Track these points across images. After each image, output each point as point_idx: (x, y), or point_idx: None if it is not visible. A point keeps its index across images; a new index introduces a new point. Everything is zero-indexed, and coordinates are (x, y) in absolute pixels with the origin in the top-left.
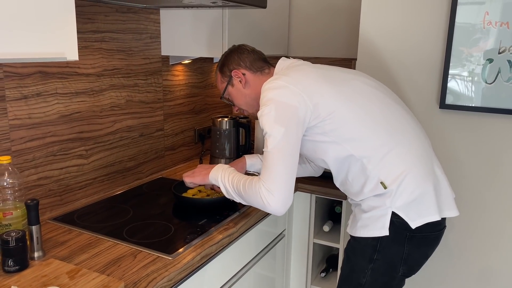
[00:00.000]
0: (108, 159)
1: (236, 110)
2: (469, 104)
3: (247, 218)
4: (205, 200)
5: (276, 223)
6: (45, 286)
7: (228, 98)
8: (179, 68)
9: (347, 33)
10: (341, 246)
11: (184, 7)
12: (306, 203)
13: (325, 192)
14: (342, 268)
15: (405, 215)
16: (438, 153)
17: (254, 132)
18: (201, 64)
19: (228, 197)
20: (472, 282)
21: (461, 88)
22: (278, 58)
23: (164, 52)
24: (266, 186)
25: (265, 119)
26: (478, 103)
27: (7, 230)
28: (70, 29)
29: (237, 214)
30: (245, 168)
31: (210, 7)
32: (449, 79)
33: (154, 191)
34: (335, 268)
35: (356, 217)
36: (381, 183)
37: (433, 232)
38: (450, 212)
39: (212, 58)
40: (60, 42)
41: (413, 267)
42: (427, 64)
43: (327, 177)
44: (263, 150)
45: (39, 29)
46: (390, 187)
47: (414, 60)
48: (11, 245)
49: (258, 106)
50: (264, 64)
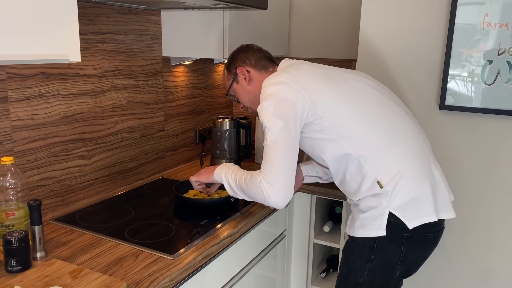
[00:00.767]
0: (109, 160)
1: (241, 108)
2: (469, 105)
3: (248, 219)
4: (205, 200)
5: (276, 224)
6: (47, 286)
7: (233, 95)
8: (180, 69)
9: (347, 34)
10: (341, 246)
11: (185, 8)
12: (307, 203)
13: (325, 193)
14: (340, 268)
15: (402, 216)
16: (438, 154)
17: (254, 132)
18: (202, 65)
19: (231, 194)
20: (470, 283)
21: (461, 89)
22: (280, 59)
23: (165, 53)
24: (266, 178)
25: (264, 113)
26: (478, 104)
27: (9, 230)
28: (73, 31)
29: (237, 214)
30: (302, 176)
31: (211, 8)
32: (449, 80)
33: (155, 192)
34: (336, 269)
35: (354, 217)
36: (377, 182)
37: (431, 233)
38: (447, 214)
39: (213, 59)
40: (63, 43)
41: (410, 268)
42: (427, 65)
43: None
44: (263, 144)
45: (41, 31)
46: (386, 187)
47: (414, 61)
48: (14, 245)
49: None
50: (269, 63)
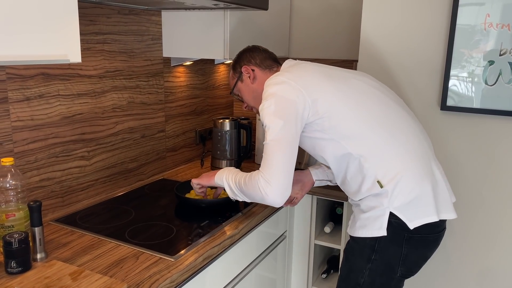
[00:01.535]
0: (110, 161)
1: (245, 107)
2: (470, 106)
3: (249, 220)
4: (207, 201)
5: (277, 224)
6: (48, 287)
7: (237, 94)
8: (181, 69)
9: (348, 34)
10: (342, 247)
11: (185, 9)
12: (307, 204)
13: (326, 194)
14: (341, 268)
15: (403, 216)
16: (439, 155)
17: (255, 133)
18: (202, 66)
19: (232, 196)
20: (471, 283)
21: (462, 89)
22: (283, 60)
23: (166, 53)
24: (264, 176)
25: (265, 112)
26: (479, 104)
27: (10, 231)
28: (73, 32)
29: (239, 215)
30: (311, 180)
31: (211, 9)
32: (450, 81)
33: (156, 192)
34: (336, 269)
35: (355, 218)
36: (378, 182)
37: (432, 233)
38: (448, 214)
39: (213, 60)
40: (63, 44)
41: (411, 268)
42: (428, 66)
43: None
44: (263, 143)
45: (42, 32)
46: (386, 186)
47: (415, 62)
48: (14, 246)
49: None
50: (274, 63)
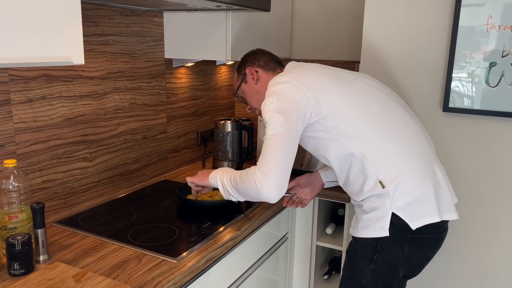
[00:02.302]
0: (111, 162)
1: (249, 109)
2: (472, 107)
3: (251, 221)
4: (209, 202)
5: (279, 226)
6: None
7: (241, 96)
8: (182, 70)
9: (350, 36)
10: (344, 248)
11: (187, 10)
12: (309, 205)
13: (328, 195)
14: (343, 269)
15: (405, 216)
16: (441, 156)
17: (257, 134)
18: (204, 67)
19: (226, 196)
20: (473, 284)
21: (464, 91)
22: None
23: (168, 54)
24: (261, 169)
25: (266, 108)
26: (482, 106)
27: (12, 233)
28: (76, 33)
29: (241, 216)
30: (322, 182)
31: (213, 10)
32: (453, 82)
33: (158, 194)
34: (338, 271)
35: (357, 218)
36: (380, 182)
37: (434, 234)
38: (449, 215)
39: (215, 61)
40: (66, 46)
41: (414, 269)
42: (431, 67)
43: None
44: (263, 138)
45: (45, 34)
46: (388, 187)
47: (418, 63)
48: (17, 248)
49: None
50: (277, 65)
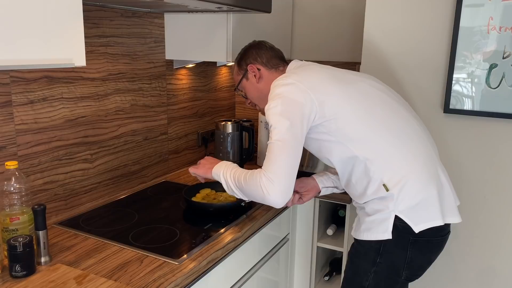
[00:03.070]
0: (112, 163)
1: (249, 103)
2: (473, 109)
3: (252, 222)
4: (216, 205)
5: (280, 227)
6: None
7: (241, 91)
8: (183, 72)
9: (351, 36)
10: (345, 249)
11: (188, 11)
12: (310, 206)
13: (329, 196)
14: (345, 271)
15: (408, 219)
16: (443, 157)
17: (257, 135)
18: (204, 68)
19: (228, 192)
20: (475, 286)
21: (465, 92)
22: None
23: (168, 56)
24: (267, 175)
25: (271, 112)
26: (482, 107)
27: (14, 235)
28: (78, 35)
29: (242, 218)
30: (317, 187)
31: (214, 11)
32: (453, 84)
33: (158, 195)
34: (339, 272)
35: (360, 220)
36: (384, 185)
37: (437, 237)
38: (453, 218)
39: (215, 62)
40: (68, 48)
41: (416, 272)
42: (431, 69)
43: None
44: (268, 142)
45: (47, 36)
46: (392, 190)
47: (418, 64)
48: (18, 250)
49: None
50: (280, 62)
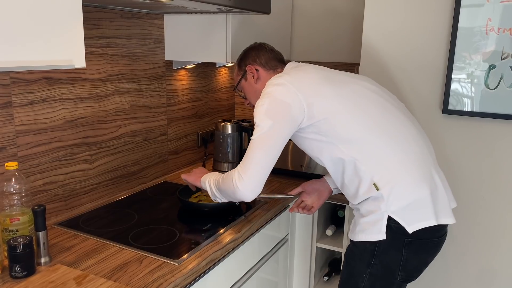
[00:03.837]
0: (112, 164)
1: (247, 104)
2: (472, 110)
3: (251, 223)
4: (210, 205)
5: (279, 228)
6: None
7: (240, 91)
8: (183, 72)
9: (350, 38)
10: (344, 250)
11: (188, 12)
12: None
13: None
14: (341, 272)
15: (401, 219)
16: (441, 158)
17: None
18: (204, 69)
19: (212, 197)
20: (473, 286)
21: (464, 93)
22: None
23: (168, 57)
24: (239, 170)
25: (257, 110)
26: (481, 108)
27: (14, 236)
28: (78, 37)
29: (241, 218)
30: (329, 188)
31: (214, 13)
32: (452, 85)
33: (158, 196)
34: (338, 272)
35: (355, 222)
36: (374, 184)
37: (432, 238)
38: (446, 219)
39: (215, 63)
40: (68, 49)
41: (412, 273)
42: (430, 69)
43: None
44: (250, 138)
45: (47, 37)
46: (382, 190)
47: (417, 66)
48: (18, 251)
49: None
50: (279, 63)
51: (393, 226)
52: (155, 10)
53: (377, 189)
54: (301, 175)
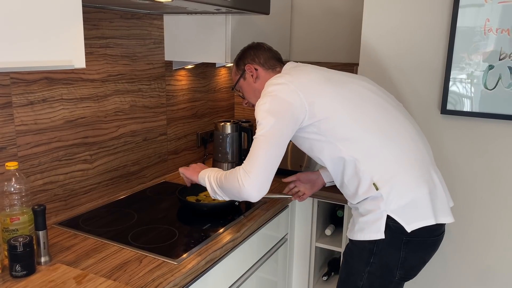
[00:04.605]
0: (112, 164)
1: (245, 103)
2: (470, 110)
3: (250, 223)
4: (209, 204)
5: (278, 227)
6: None
7: (239, 91)
8: (182, 73)
9: (349, 38)
10: (343, 249)
11: (187, 13)
12: (308, 207)
13: (327, 196)
14: (340, 271)
15: (400, 219)
16: (439, 158)
17: None
18: (203, 69)
19: (211, 194)
20: (471, 286)
21: (462, 93)
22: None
23: (168, 57)
24: (244, 168)
25: (259, 109)
26: (479, 108)
27: (14, 235)
28: (78, 37)
29: (240, 218)
30: (322, 180)
31: (213, 13)
32: (450, 85)
33: (158, 195)
34: (337, 272)
35: (354, 221)
36: (373, 184)
37: (431, 237)
38: (445, 218)
39: (214, 63)
40: (68, 50)
41: (410, 272)
42: (429, 70)
43: None
44: (253, 137)
45: (47, 38)
46: (382, 189)
47: (416, 66)
48: (18, 250)
49: None
50: (277, 63)
51: (392, 225)
52: (154, 11)
53: (377, 189)
54: None
